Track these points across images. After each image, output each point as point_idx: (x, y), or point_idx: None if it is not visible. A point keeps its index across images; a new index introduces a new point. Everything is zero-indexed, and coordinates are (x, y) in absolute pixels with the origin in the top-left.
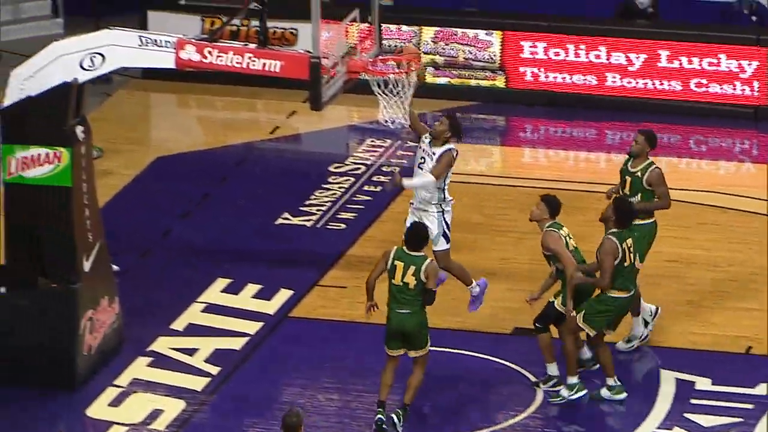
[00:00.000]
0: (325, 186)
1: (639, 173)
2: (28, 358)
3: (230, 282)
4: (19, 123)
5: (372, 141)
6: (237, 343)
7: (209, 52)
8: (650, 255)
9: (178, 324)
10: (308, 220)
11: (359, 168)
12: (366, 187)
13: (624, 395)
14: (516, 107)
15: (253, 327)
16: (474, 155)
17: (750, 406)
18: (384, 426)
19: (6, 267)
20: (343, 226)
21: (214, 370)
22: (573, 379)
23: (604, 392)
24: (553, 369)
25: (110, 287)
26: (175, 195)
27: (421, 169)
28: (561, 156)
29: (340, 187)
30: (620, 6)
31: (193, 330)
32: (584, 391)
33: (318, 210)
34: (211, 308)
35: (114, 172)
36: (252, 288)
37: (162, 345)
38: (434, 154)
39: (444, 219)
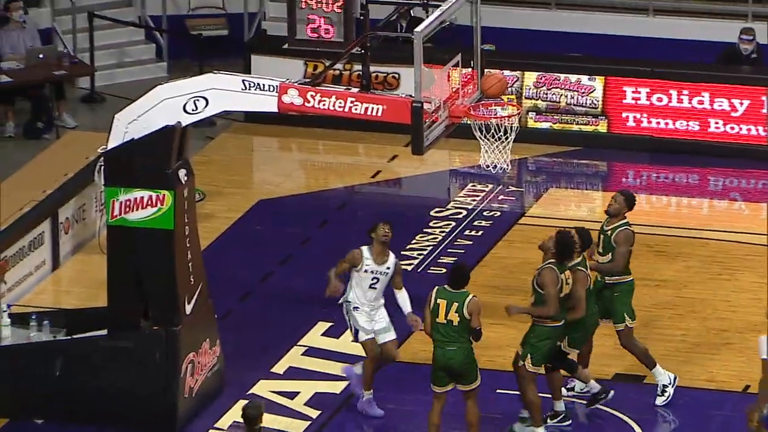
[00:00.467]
0: (426, 230)
1: (610, 232)
2: (129, 400)
3: (330, 325)
4: (123, 166)
5: (473, 185)
6: (337, 387)
7: (312, 96)
8: (751, 301)
9: (279, 367)
10: (409, 264)
11: (460, 212)
12: (467, 232)
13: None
14: (618, 152)
15: (328, 366)
16: (576, 200)
17: None
18: None
19: (108, 309)
20: (444, 270)
21: (314, 413)
22: (540, 430)
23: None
24: (560, 405)
25: (211, 330)
26: (277, 238)
27: (374, 288)
28: (663, 202)
29: (441, 232)
30: (724, 52)
31: (293, 373)
32: None
33: (419, 254)
34: (312, 351)
35: (216, 215)
36: (322, 326)
37: (263, 388)
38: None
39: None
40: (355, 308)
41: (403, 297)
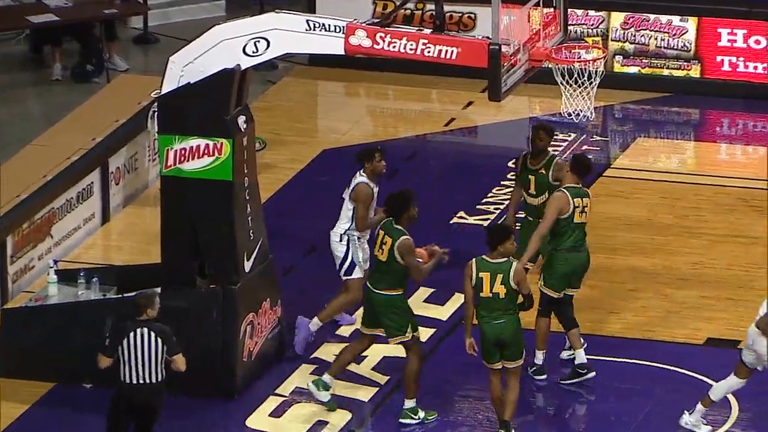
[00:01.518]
0: (504, 183)
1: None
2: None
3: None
4: (178, 112)
5: (555, 134)
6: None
7: (381, 38)
8: None
9: (345, 329)
10: (485, 219)
11: None
12: None
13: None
14: (712, 99)
15: (424, 333)
16: (666, 151)
17: None
18: None
19: (162, 266)
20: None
21: (383, 379)
22: (410, 403)
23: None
24: (539, 357)
25: (273, 289)
26: (343, 190)
27: None
28: (761, 153)
29: None
30: None
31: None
32: (423, 414)
33: (496, 209)
34: None
35: (277, 165)
36: (424, 292)
37: (327, 351)
38: None
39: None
40: (359, 239)
41: None
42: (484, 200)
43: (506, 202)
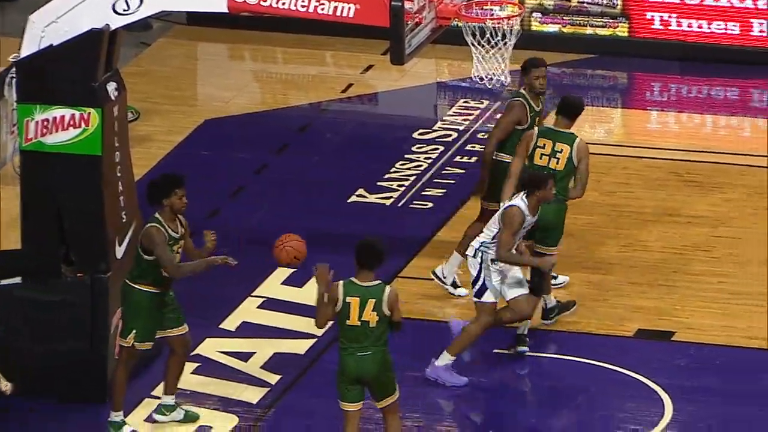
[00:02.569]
0: (408, 156)
1: None
2: (49, 362)
3: (292, 271)
4: (39, 78)
5: (465, 101)
6: (301, 347)
7: None
8: None
9: (230, 323)
10: (388, 198)
11: (450, 134)
12: (458, 158)
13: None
14: (641, 61)
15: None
16: (590, 119)
17: None
18: None
19: (22, 252)
20: (430, 204)
21: (273, 378)
22: (117, 416)
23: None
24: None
25: None
26: (226, 166)
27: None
28: (696, 121)
29: (426, 158)
30: None
31: (247, 330)
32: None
33: (399, 186)
34: (270, 304)
35: (153, 138)
36: (282, 273)
37: (210, 348)
38: None
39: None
40: (494, 261)
41: None
42: (387, 176)
43: (412, 178)
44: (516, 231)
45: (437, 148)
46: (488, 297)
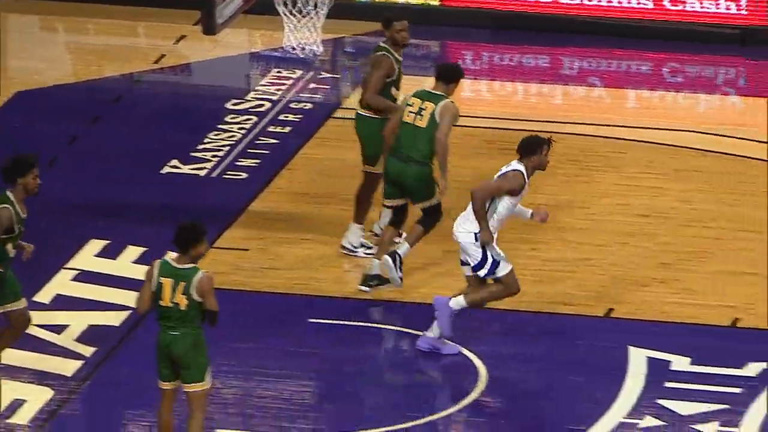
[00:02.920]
0: (221, 127)
1: None
2: None
3: (106, 244)
4: None
5: (278, 71)
6: (116, 319)
7: None
8: (616, 207)
9: (43, 295)
10: (201, 169)
11: (263, 104)
12: (271, 128)
13: None
14: (453, 30)
15: (135, 298)
16: (404, 88)
17: (737, 390)
18: None
19: None
20: (244, 175)
21: (88, 351)
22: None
23: None
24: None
25: None
26: (38, 138)
27: None
28: (507, 89)
29: (240, 128)
30: None
31: (61, 302)
32: None
33: (213, 156)
34: (84, 276)
35: None
36: (133, 251)
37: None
38: None
39: None
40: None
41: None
42: (200, 147)
43: (225, 148)
44: (517, 193)
45: (250, 119)
46: (504, 268)
